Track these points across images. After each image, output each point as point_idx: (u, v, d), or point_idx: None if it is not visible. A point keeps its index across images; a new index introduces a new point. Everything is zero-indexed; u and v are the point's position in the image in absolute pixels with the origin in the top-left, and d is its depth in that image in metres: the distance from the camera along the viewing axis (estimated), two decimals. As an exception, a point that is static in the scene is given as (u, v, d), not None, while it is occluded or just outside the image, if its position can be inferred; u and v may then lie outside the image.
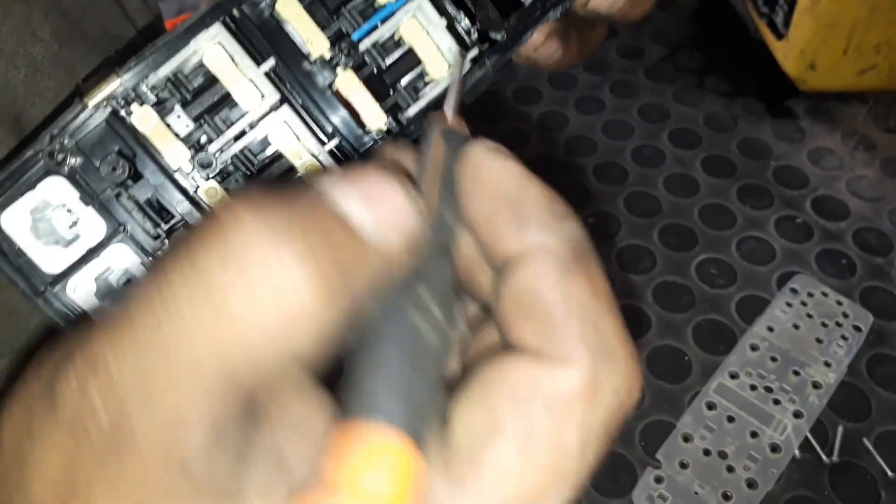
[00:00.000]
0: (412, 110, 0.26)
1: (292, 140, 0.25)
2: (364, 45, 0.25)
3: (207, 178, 0.25)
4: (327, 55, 0.25)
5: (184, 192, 0.24)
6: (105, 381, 0.14)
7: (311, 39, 0.25)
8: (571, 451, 0.15)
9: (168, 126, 0.24)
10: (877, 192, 0.69)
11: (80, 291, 0.24)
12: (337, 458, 0.14)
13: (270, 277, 0.14)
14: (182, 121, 0.24)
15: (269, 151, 0.25)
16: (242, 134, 0.24)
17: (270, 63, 0.25)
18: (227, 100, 0.25)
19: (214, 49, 0.24)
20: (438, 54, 0.26)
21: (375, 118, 0.25)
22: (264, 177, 0.25)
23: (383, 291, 0.16)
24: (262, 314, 0.14)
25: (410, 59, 0.26)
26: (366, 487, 0.14)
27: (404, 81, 0.26)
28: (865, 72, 0.74)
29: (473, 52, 0.26)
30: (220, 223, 0.14)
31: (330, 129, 0.25)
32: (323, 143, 0.25)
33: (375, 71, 0.26)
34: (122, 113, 0.24)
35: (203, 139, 0.25)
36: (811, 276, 0.63)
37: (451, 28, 0.26)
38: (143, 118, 0.24)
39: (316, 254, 0.14)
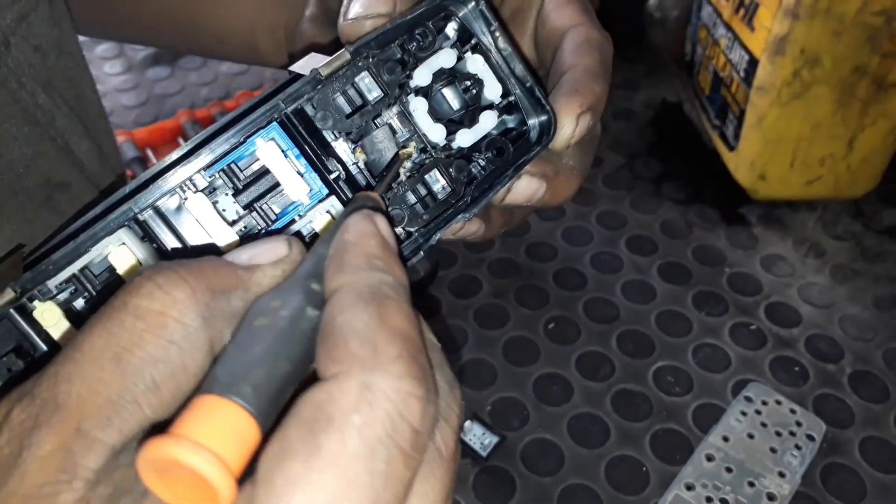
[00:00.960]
0: None
1: None
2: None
3: None
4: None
5: None
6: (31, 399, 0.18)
7: (220, 235, 0.26)
8: (357, 460, 0.16)
9: (72, 322, 0.24)
10: (827, 299, 0.72)
11: None
12: (184, 419, 0.17)
13: (165, 320, 0.18)
14: (88, 314, 0.24)
15: None
16: None
17: None
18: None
19: (119, 250, 0.25)
20: None
21: None
22: None
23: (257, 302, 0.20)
24: (158, 347, 0.18)
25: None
26: (202, 440, 0.16)
27: None
28: (812, 182, 0.78)
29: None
30: (133, 286, 0.19)
31: None
32: None
33: None
34: (26, 305, 0.24)
35: None
36: (765, 384, 0.64)
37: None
38: (45, 314, 0.24)
39: (196, 287, 0.19)
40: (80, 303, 0.25)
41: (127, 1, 0.49)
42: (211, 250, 0.25)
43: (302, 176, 0.26)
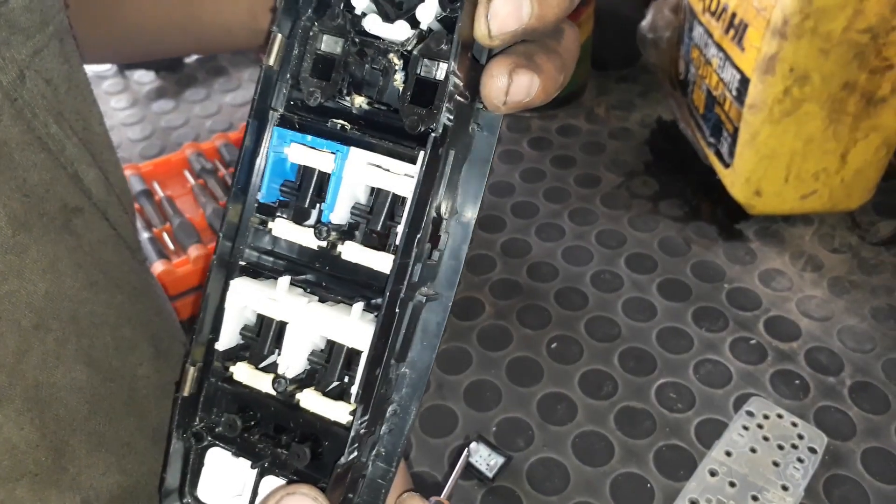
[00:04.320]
0: (399, 230, 0.27)
1: (342, 326, 0.27)
2: (340, 218, 0.28)
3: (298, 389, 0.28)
4: (324, 244, 0.28)
5: (290, 406, 0.28)
6: None
7: (300, 237, 0.28)
8: None
9: (263, 370, 0.28)
10: (826, 312, 0.73)
11: None
12: None
13: None
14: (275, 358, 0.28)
15: (337, 340, 0.28)
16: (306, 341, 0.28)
17: (286, 281, 0.28)
18: (283, 326, 0.28)
19: (243, 295, 0.28)
20: (398, 177, 0.27)
21: (385, 264, 0.27)
22: (331, 366, 0.28)
23: None
24: None
25: (382, 198, 0.28)
26: None
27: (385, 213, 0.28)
28: (807, 197, 0.79)
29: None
30: None
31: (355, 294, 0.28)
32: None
33: (365, 226, 0.28)
34: (223, 371, 0.28)
35: (284, 365, 0.28)
36: (766, 398, 0.65)
37: (392, 152, 0.27)
38: (240, 372, 0.28)
39: None
40: (263, 350, 0.29)
41: (129, 14, 0.50)
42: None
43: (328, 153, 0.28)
